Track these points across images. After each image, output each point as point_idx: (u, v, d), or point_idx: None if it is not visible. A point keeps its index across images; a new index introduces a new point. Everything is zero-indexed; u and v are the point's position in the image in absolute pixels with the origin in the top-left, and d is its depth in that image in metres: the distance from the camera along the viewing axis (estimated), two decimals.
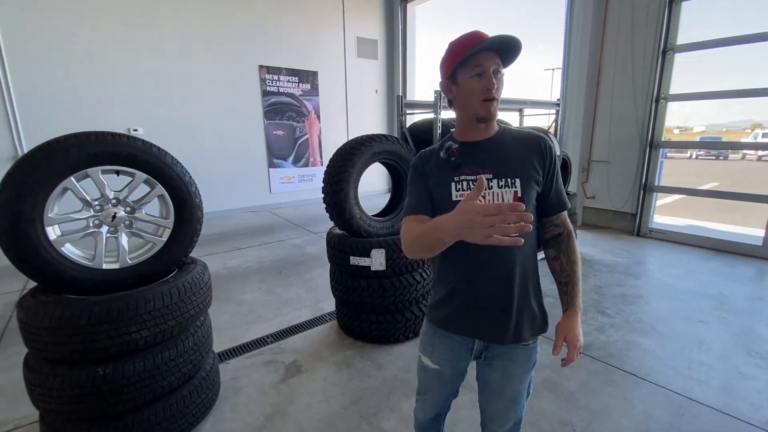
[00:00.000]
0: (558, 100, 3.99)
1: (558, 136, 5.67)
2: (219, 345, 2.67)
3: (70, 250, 1.67)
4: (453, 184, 1.07)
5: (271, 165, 7.13)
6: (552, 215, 1.14)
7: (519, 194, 1.04)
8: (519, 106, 4.02)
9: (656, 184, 5.12)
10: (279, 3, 6.71)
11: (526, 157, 1.08)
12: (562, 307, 1.14)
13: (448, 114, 3.34)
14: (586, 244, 4.84)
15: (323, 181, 2.54)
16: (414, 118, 3.49)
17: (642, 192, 5.12)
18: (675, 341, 2.67)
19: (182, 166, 1.92)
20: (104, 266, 1.72)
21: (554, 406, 2.06)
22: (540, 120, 4.24)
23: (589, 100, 5.37)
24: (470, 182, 1.06)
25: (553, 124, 4.10)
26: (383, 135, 2.54)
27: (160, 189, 1.84)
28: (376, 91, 8.27)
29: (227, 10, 6.21)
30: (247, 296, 3.50)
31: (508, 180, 1.05)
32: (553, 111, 4.03)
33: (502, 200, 1.04)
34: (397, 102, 2.89)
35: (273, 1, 6.64)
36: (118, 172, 1.74)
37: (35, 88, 4.96)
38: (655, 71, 4.75)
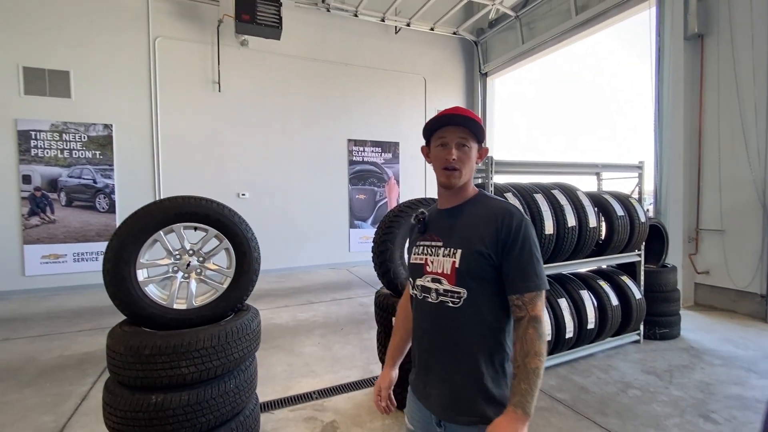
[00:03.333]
0: (640, 162, 3.65)
1: (653, 201, 5.08)
2: (270, 393, 2.82)
3: (152, 290, 2.03)
4: (414, 247, 1.18)
5: (352, 226, 7.64)
6: (512, 294, 1.04)
7: (457, 264, 1.06)
8: (594, 170, 3.77)
9: None
10: (366, 84, 7.64)
11: (479, 228, 1.07)
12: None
13: (503, 179, 3.32)
14: (698, 329, 4.01)
15: (372, 241, 2.68)
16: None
17: None
18: None
19: (247, 225, 2.24)
20: (175, 306, 2.05)
21: None
22: (623, 184, 3.88)
23: (690, 163, 4.78)
24: (425, 247, 1.15)
25: (636, 188, 3.72)
26: (431, 198, 2.63)
27: (226, 243, 2.17)
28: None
29: (323, 92, 7.28)
30: (306, 349, 3.66)
31: (451, 250, 1.08)
32: (635, 174, 3.68)
33: (443, 268, 1.08)
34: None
35: (361, 83, 7.60)
36: (195, 228, 2.12)
37: (175, 160, 6.32)
38: None
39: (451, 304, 1.06)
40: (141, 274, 1.99)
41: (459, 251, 1.06)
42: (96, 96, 5.85)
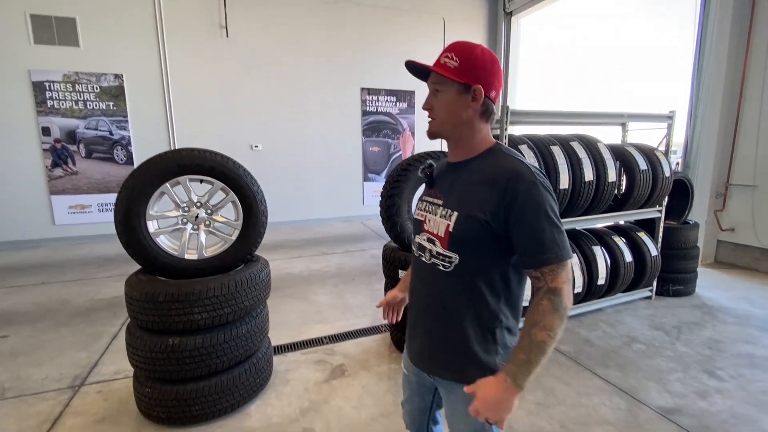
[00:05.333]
0: (671, 112, 3.38)
1: (683, 155, 4.80)
2: (284, 338, 2.98)
3: (163, 241, 2.09)
4: (420, 201, 1.13)
5: (365, 179, 7.58)
6: (527, 268, 0.95)
7: (451, 228, 0.99)
8: (619, 120, 3.52)
9: None
10: (381, 26, 7.18)
11: (480, 191, 0.96)
12: None
13: (522, 130, 3.16)
14: (714, 287, 3.94)
15: (380, 195, 2.65)
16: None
17: None
18: None
19: (252, 177, 2.23)
20: (186, 257, 2.11)
21: None
22: (652, 136, 3.63)
23: (728, 113, 4.42)
24: (427, 203, 1.10)
25: (664, 141, 3.48)
26: (441, 152, 2.54)
27: (232, 196, 2.18)
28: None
29: (335, 37, 6.89)
30: (319, 297, 3.80)
31: (448, 211, 1.02)
32: (664, 125, 3.42)
33: (438, 229, 1.03)
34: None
35: (376, 25, 7.14)
36: (201, 181, 2.13)
37: (187, 110, 6.27)
38: None
39: (441, 268, 1.02)
40: (151, 226, 2.04)
41: (455, 214, 0.99)
42: (104, 44, 5.73)
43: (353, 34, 7.03)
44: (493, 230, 0.94)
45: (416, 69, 1.04)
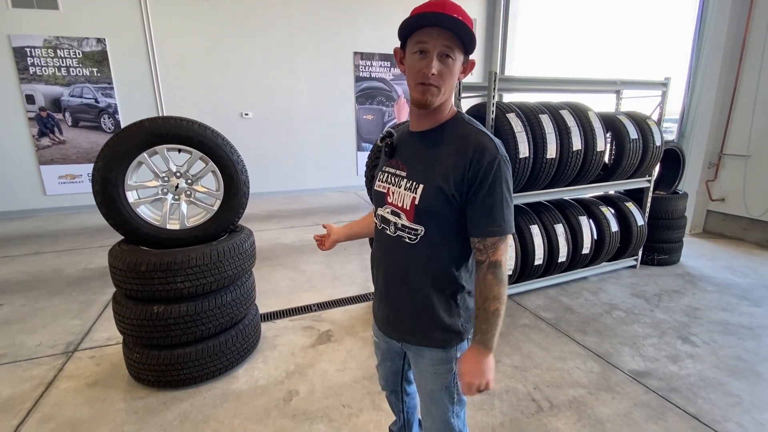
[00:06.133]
0: (666, 79, 3.29)
1: (679, 123, 4.72)
2: (273, 305, 3.05)
3: (144, 211, 2.09)
4: (380, 173, 1.10)
5: (359, 148, 7.49)
6: (473, 237, 0.97)
7: (417, 201, 0.98)
8: (613, 87, 3.43)
9: None
10: None
11: (445, 163, 0.95)
12: None
13: (512, 97, 3.09)
14: (699, 257, 4.00)
15: (365, 165, 2.62)
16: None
17: None
18: None
19: (232, 147, 2.20)
20: (168, 227, 2.12)
21: (573, 430, 1.84)
22: (648, 104, 3.54)
23: (726, 81, 4.31)
24: (389, 175, 1.07)
25: (657, 109, 3.41)
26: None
27: (212, 165, 2.15)
28: (471, 73, 7.91)
29: None
30: (309, 267, 3.85)
31: (413, 183, 1.00)
32: (659, 93, 3.34)
33: (403, 202, 1.02)
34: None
35: None
36: (179, 150, 2.10)
37: (174, 76, 6.09)
38: None
39: (407, 240, 1.03)
40: (131, 196, 2.03)
41: (421, 187, 0.98)
42: (84, 7, 5.48)
43: None
44: (455, 203, 0.96)
45: (422, 18, 0.87)
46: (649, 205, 3.58)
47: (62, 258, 4.09)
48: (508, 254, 0.99)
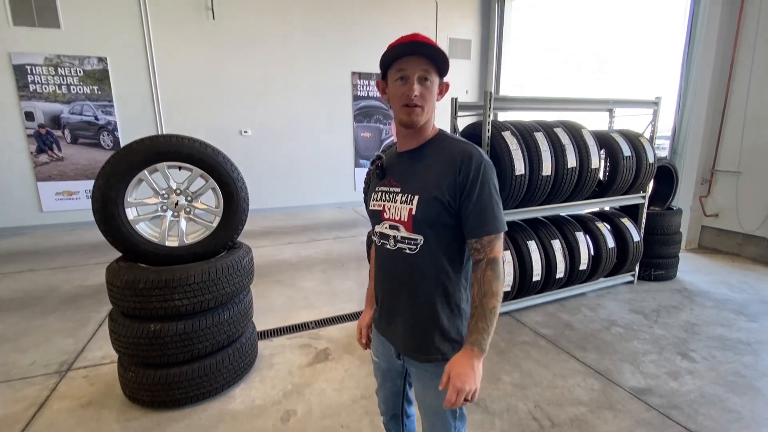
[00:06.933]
0: (657, 98, 3.38)
1: (671, 140, 4.82)
2: (270, 323, 3.02)
3: (143, 228, 2.09)
4: (374, 193, 1.15)
5: (357, 165, 7.55)
6: (470, 238, 1.03)
7: (414, 212, 1.04)
8: (605, 106, 3.52)
9: None
10: (372, 8, 7.04)
11: (436, 174, 1.02)
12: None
13: (510, 116, 3.15)
14: (696, 272, 4.02)
15: (364, 182, 2.64)
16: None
17: None
18: None
19: (232, 164, 2.22)
20: (167, 243, 2.12)
21: None
22: (640, 122, 3.62)
23: (716, 100, 4.42)
24: (383, 193, 1.12)
25: (650, 127, 3.49)
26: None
27: (212, 183, 2.17)
28: (467, 92, 8.08)
29: (325, 19, 6.75)
30: (306, 283, 3.83)
31: (408, 196, 1.05)
32: (650, 111, 3.42)
33: (400, 215, 1.07)
34: (451, 104, 2.83)
35: (367, 8, 7.00)
36: (180, 167, 2.12)
37: (174, 95, 6.16)
38: None
39: (408, 251, 1.07)
40: (130, 213, 2.03)
41: (416, 198, 1.04)
42: (86, 26, 5.58)
43: (343, 16, 6.89)
44: (450, 209, 1.02)
45: (399, 49, 0.98)
46: (644, 220, 3.62)
47: (57, 275, 4.05)
48: (502, 253, 1.04)
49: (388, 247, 1.11)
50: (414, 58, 0.98)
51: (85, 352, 2.62)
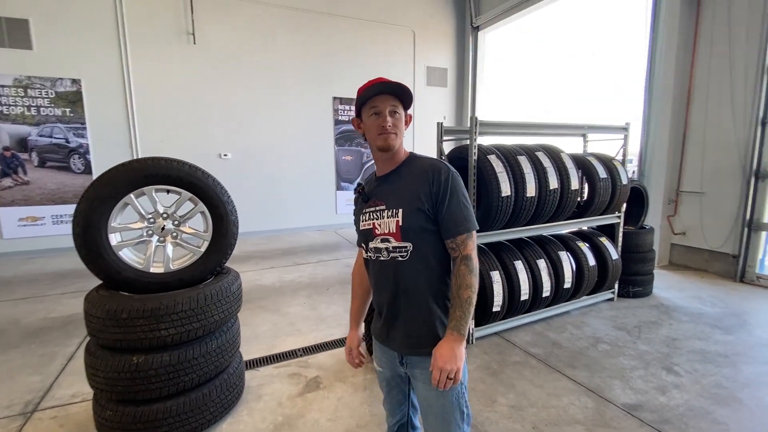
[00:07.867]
0: (626, 124, 3.61)
1: (638, 164, 5.11)
2: (255, 352, 2.90)
3: (126, 254, 1.99)
4: (362, 215, 1.27)
5: (338, 188, 7.56)
6: (447, 238, 1.18)
7: (400, 223, 1.18)
8: (580, 131, 3.72)
9: (766, 221, 4.26)
10: (352, 37, 7.25)
11: (414, 187, 1.18)
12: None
13: (488, 140, 3.27)
14: (669, 288, 4.19)
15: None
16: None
17: (747, 230, 4.29)
18: (763, 417, 2.17)
19: (222, 187, 2.18)
20: (152, 270, 2.02)
21: None
22: (610, 145, 3.84)
23: (677, 125, 4.76)
24: (371, 213, 1.24)
25: (621, 150, 3.70)
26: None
27: (201, 206, 2.11)
28: (444, 117, 8.34)
29: (306, 46, 6.88)
30: (291, 309, 3.72)
31: (394, 210, 1.20)
32: (621, 136, 3.65)
33: (389, 228, 1.20)
34: (437, 129, 2.92)
35: (347, 36, 7.20)
36: (168, 191, 2.06)
37: (151, 118, 6.04)
38: (760, 91, 4.05)
39: (400, 258, 1.19)
40: (114, 238, 1.94)
41: (400, 210, 1.18)
42: (60, 48, 5.45)
43: (325, 44, 7.05)
44: (430, 215, 1.18)
45: (373, 89, 1.17)
46: (621, 239, 3.77)
47: (19, 307, 3.77)
48: (476, 249, 1.19)
49: (382, 258, 1.22)
50: (384, 96, 1.18)
51: (53, 390, 2.42)
